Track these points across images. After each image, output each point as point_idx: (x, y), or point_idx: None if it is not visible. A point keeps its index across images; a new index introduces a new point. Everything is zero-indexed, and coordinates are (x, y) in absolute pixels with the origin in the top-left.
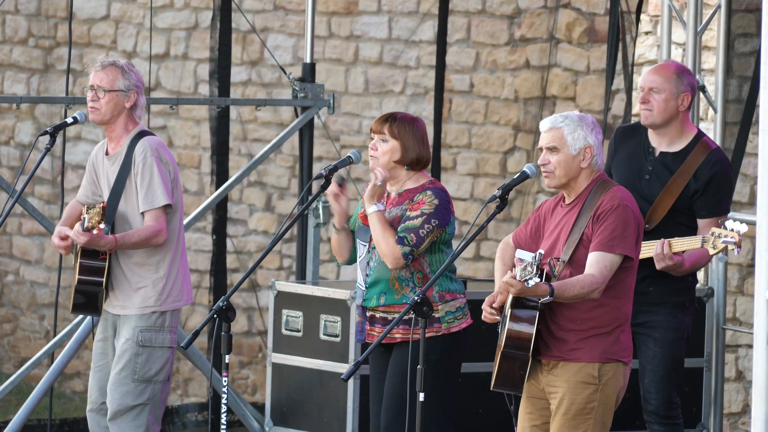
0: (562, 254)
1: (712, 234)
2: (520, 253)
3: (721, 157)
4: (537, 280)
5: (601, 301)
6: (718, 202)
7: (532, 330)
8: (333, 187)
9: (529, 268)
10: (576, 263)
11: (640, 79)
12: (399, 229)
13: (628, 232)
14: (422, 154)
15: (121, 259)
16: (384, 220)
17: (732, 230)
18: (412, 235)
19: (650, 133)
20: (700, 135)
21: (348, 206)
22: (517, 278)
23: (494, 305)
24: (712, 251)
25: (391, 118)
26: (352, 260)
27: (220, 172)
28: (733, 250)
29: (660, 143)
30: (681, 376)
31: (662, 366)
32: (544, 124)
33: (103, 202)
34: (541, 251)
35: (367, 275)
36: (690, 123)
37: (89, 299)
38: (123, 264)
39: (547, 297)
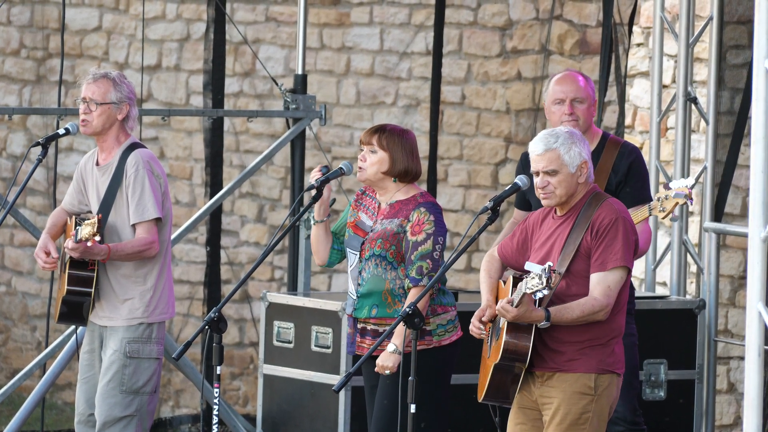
0: (557, 266)
1: (658, 199)
2: (530, 266)
3: (632, 147)
4: (546, 292)
5: None
6: (641, 188)
7: (529, 343)
8: (317, 174)
9: (537, 280)
10: (573, 275)
11: (552, 91)
12: (414, 257)
13: (628, 244)
14: (411, 166)
15: (108, 270)
16: (394, 330)
17: (678, 186)
18: (428, 261)
19: None
20: (606, 134)
21: (329, 196)
22: (523, 289)
23: (483, 319)
24: (661, 215)
25: (380, 130)
26: (331, 262)
27: (214, 184)
28: (685, 203)
29: None
30: (639, 381)
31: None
32: (537, 147)
33: (99, 215)
34: (550, 263)
35: (359, 284)
36: (594, 126)
37: (76, 308)
38: (111, 275)
39: (544, 322)
